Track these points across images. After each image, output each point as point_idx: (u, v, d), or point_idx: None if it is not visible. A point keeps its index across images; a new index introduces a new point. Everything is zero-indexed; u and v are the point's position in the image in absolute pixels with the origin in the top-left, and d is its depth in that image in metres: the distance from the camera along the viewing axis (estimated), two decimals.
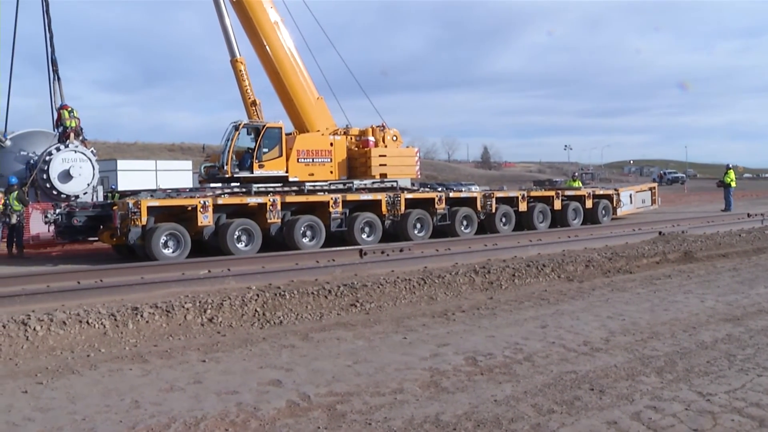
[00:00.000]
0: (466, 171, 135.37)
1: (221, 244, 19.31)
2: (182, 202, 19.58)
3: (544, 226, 26.21)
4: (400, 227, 22.84)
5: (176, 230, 18.73)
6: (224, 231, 19.29)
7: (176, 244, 18.73)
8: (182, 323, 9.97)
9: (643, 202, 33.68)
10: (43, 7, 25.45)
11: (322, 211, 21.45)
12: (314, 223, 20.85)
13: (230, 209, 20.14)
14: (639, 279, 13.79)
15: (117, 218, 18.49)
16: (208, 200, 19.42)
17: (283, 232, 20.68)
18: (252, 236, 19.73)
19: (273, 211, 20.27)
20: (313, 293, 11.37)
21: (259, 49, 25.10)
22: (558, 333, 9.23)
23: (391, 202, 22.66)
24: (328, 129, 25.63)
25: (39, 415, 6.35)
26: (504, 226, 25.19)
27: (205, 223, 19.19)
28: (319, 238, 20.96)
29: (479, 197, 25.12)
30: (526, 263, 14.60)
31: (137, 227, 18.27)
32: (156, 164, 56.21)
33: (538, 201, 26.97)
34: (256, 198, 20.60)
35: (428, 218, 23.32)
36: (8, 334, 8.94)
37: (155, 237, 18.26)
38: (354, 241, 21.30)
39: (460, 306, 11.31)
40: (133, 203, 18.29)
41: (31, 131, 25.87)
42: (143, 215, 18.26)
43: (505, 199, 25.78)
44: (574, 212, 27.90)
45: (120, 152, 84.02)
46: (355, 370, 7.59)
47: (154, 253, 18.16)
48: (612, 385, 6.87)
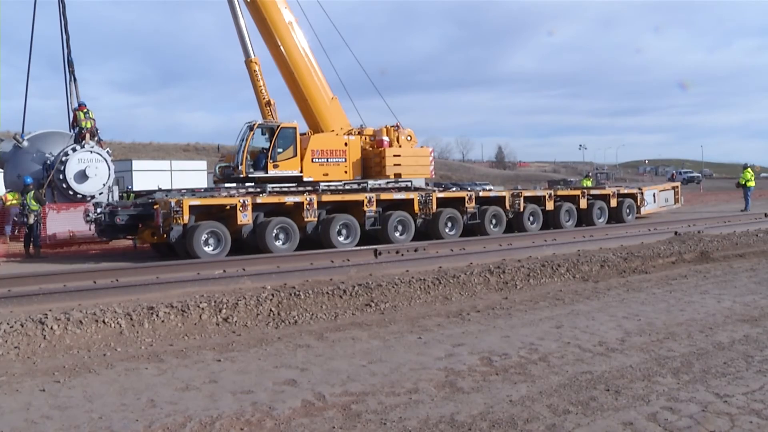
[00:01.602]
0: (481, 171, 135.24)
1: (259, 242, 19.75)
2: (223, 201, 20.04)
3: (571, 225, 26.67)
4: (432, 226, 23.25)
5: (217, 228, 19.19)
6: (263, 229, 19.75)
7: (216, 242, 19.16)
8: (197, 323, 10.01)
9: (666, 201, 34.04)
10: (59, 9, 25.60)
11: (356, 209, 21.86)
12: (349, 222, 21.32)
13: (268, 208, 20.60)
14: (655, 279, 13.71)
15: (159, 217, 18.88)
16: (247, 199, 19.96)
17: (319, 231, 21.08)
18: (289, 234, 20.19)
19: (310, 209, 20.75)
20: (328, 293, 11.39)
21: (273, 50, 25.16)
22: (573, 333, 9.19)
23: (423, 201, 23.06)
24: (343, 129, 25.66)
25: (57, 413, 6.39)
26: (531, 224, 25.61)
27: (244, 221, 19.70)
28: (354, 236, 21.35)
29: (508, 196, 25.49)
30: (541, 263, 14.56)
31: (179, 225, 18.71)
32: (171, 164, 56.56)
33: (565, 200, 27.40)
34: (293, 197, 21.06)
35: (459, 217, 23.73)
36: (26, 333, 9.00)
37: (196, 235, 18.70)
38: (387, 240, 21.74)
39: (475, 306, 11.29)
40: (176, 202, 18.75)
41: (47, 132, 26.02)
42: (185, 214, 18.77)
43: (532, 198, 26.31)
44: (599, 211, 28.29)
45: (135, 152, 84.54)
46: (370, 370, 7.59)
47: (196, 251, 18.56)
48: (628, 385, 6.84)
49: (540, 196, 26.66)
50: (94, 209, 20.07)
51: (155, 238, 19.89)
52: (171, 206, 18.74)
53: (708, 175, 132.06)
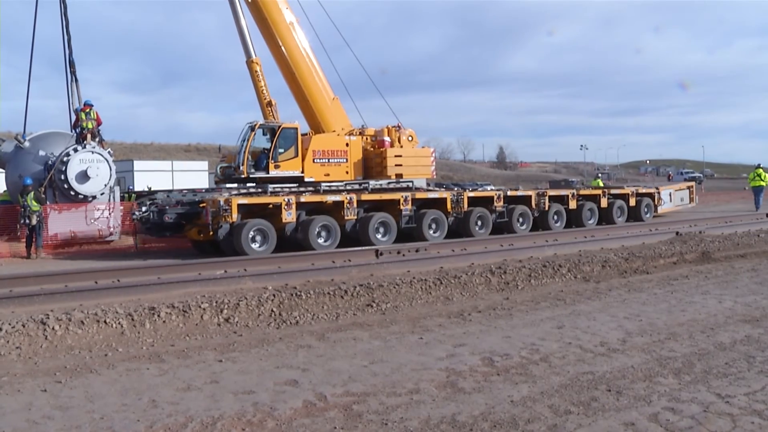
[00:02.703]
0: (482, 171, 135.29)
1: (302, 239, 20.30)
2: (268, 200, 20.75)
3: (593, 223, 27.49)
4: (463, 224, 23.84)
5: (263, 226, 19.81)
6: (306, 227, 20.42)
7: (263, 239, 19.77)
8: (199, 323, 10.01)
9: (682, 200, 34.73)
10: (61, 10, 25.61)
11: (392, 208, 22.43)
12: (387, 220, 22.02)
13: (310, 206, 21.21)
14: (656, 279, 13.71)
15: (209, 215, 19.47)
16: (291, 198, 20.72)
17: (357, 229, 21.65)
18: (331, 232, 20.89)
19: (350, 208, 21.47)
20: (330, 293, 11.39)
21: (274, 50, 25.17)
22: (574, 333, 9.19)
23: (456, 200, 23.70)
24: (344, 129, 25.68)
25: (58, 414, 6.40)
26: (556, 223, 26.38)
27: (288, 219, 20.40)
28: (391, 234, 21.98)
29: (534, 195, 26.17)
30: (542, 263, 14.55)
31: (227, 224, 19.43)
32: (172, 165, 56.62)
33: (587, 199, 28.18)
34: (334, 196, 21.90)
35: (488, 215, 24.30)
36: (28, 333, 9.01)
37: (244, 232, 19.31)
38: (422, 237, 22.30)
39: (476, 306, 11.29)
40: (225, 201, 19.35)
41: (49, 132, 25.99)
42: (234, 212, 19.44)
43: (556, 197, 27.06)
44: (619, 210, 29.12)
45: (136, 153, 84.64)
46: (371, 371, 7.59)
47: (243, 248, 19.13)
48: (629, 386, 6.84)
49: (563, 196, 27.39)
50: (139, 207, 20.71)
51: (201, 236, 20.66)
52: (220, 205, 19.37)
53: (709, 175, 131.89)
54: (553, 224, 26.22)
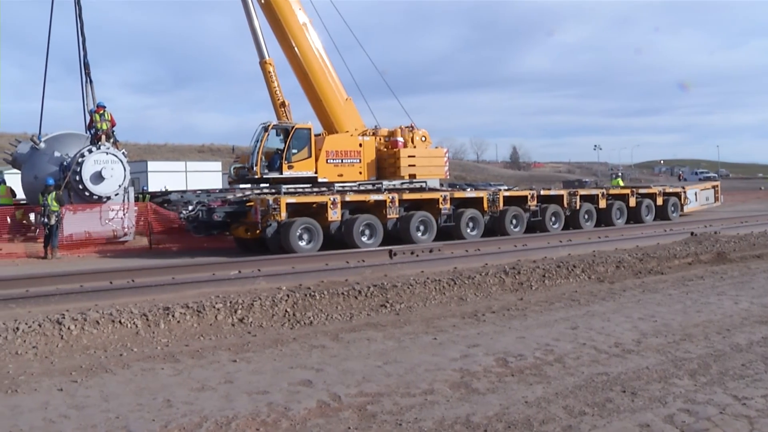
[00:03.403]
0: (495, 171, 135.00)
1: (346, 237, 20.72)
2: (315, 199, 21.38)
3: (621, 222, 27.93)
4: (498, 223, 24.20)
5: (310, 224, 20.33)
6: (350, 225, 20.88)
7: (309, 237, 20.27)
8: (213, 323, 10.04)
9: (707, 199, 35.07)
10: (76, 12, 25.75)
11: (431, 207, 22.75)
12: (427, 219, 22.40)
13: (353, 206, 21.56)
14: (671, 280, 13.64)
15: (258, 214, 20.01)
16: (336, 197, 21.22)
17: (398, 227, 21.94)
18: (374, 231, 21.30)
19: (392, 207, 21.82)
20: (343, 294, 11.40)
21: (287, 51, 25.24)
22: (589, 334, 9.16)
23: (492, 199, 24.08)
24: (357, 130, 25.71)
25: (74, 413, 6.43)
26: (586, 222, 26.77)
27: (334, 218, 20.75)
28: (431, 232, 22.31)
29: (566, 195, 26.57)
30: (556, 264, 14.51)
31: (275, 222, 19.93)
32: (186, 165, 56.81)
33: (616, 199, 28.53)
34: (377, 195, 22.46)
35: (522, 214, 24.66)
36: (44, 333, 9.06)
37: (292, 230, 19.77)
38: (460, 236, 22.76)
39: (490, 307, 11.27)
40: (273, 200, 19.89)
41: (64, 133, 26.15)
42: (282, 211, 19.77)
43: (587, 196, 27.46)
44: (647, 209, 29.55)
45: (150, 153, 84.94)
46: (385, 371, 7.59)
47: (291, 246, 19.55)
48: (644, 387, 6.80)
49: (594, 195, 27.81)
50: (185, 207, 21.30)
51: (248, 234, 21.07)
52: (269, 204, 19.95)
53: (724, 175, 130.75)
54: (583, 223, 26.62)
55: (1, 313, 10.37)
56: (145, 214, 23.87)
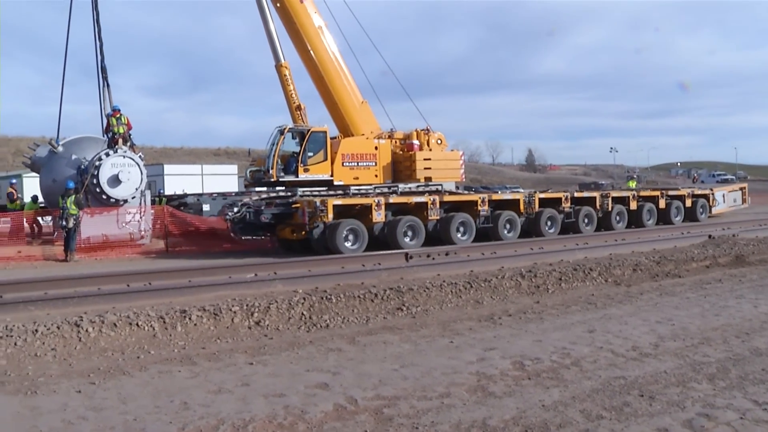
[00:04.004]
0: (511, 174, 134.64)
1: (389, 238, 21.14)
2: (360, 201, 21.94)
3: (652, 223, 28.41)
4: (533, 224, 24.62)
5: (356, 225, 20.85)
6: (393, 227, 21.42)
7: (355, 238, 20.77)
8: (230, 326, 10.07)
9: (735, 201, 35.49)
10: (93, 17, 25.94)
11: (470, 209, 23.20)
12: (466, 220, 22.92)
13: (396, 207, 22.03)
14: (688, 283, 13.56)
15: (306, 215, 20.37)
16: (381, 199, 21.81)
17: (438, 228, 22.36)
18: (416, 232, 21.80)
19: (433, 209, 22.27)
20: (360, 297, 11.40)
21: (303, 54, 25.30)
22: (606, 338, 9.12)
23: (528, 201, 24.48)
24: (373, 132, 25.73)
25: (92, 414, 6.47)
26: (618, 223, 27.19)
27: (378, 219, 21.39)
28: (470, 233, 22.73)
29: (598, 197, 26.99)
30: (572, 267, 14.45)
31: (322, 223, 20.47)
32: (202, 168, 57.02)
33: (646, 200, 28.98)
34: (419, 197, 23.01)
35: (557, 216, 25.05)
36: (62, 335, 9.13)
37: (338, 232, 20.30)
38: (497, 237, 23.22)
39: (507, 310, 11.24)
40: (321, 202, 20.27)
41: (81, 137, 26.37)
42: (329, 212, 20.47)
43: (619, 198, 27.93)
44: (676, 210, 30.11)
45: (166, 157, 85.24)
46: (401, 374, 7.59)
47: (338, 247, 20.01)
48: (662, 391, 6.76)
49: (625, 197, 28.23)
50: (231, 209, 21.56)
51: (294, 235, 21.65)
52: (316, 206, 20.39)
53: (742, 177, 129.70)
54: (615, 224, 27.07)
55: (21, 316, 10.46)
56: (162, 217, 24.01)
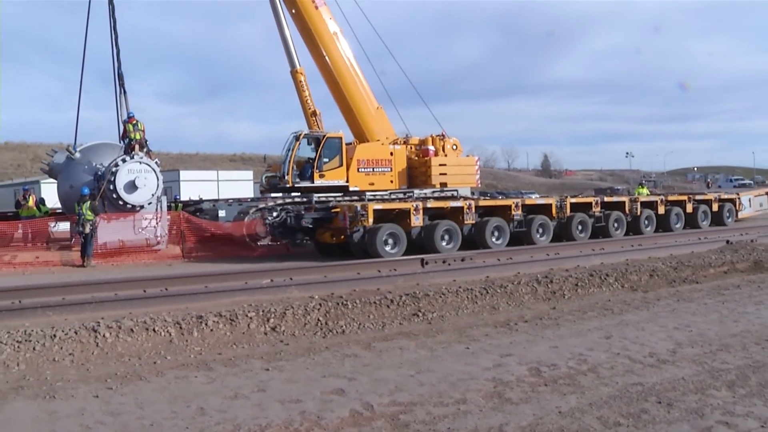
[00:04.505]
0: (526, 179, 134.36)
1: (427, 242, 21.55)
2: (398, 206, 22.11)
3: (679, 227, 28.61)
4: (565, 228, 24.72)
5: (394, 230, 21.02)
6: (431, 231, 21.54)
7: (394, 242, 20.95)
8: (246, 332, 10.09)
9: (761, 205, 35.49)
10: (110, 24, 26.11)
11: (504, 213, 23.32)
12: (501, 224, 23.06)
13: (432, 212, 22.15)
14: (706, 289, 13.46)
15: (347, 220, 20.56)
16: (419, 204, 21.87)
17: (473, 232, 22.52)
18: (452, 236, 21.89)
19: (469, 213, 22.48)
20: (376, 303, 11.40)
21: (318, 60, 25.40)
22: (623, 344, 9.07)
23: (559, 206, 24.62)
24: (388, 138, 25.78)
25: (110, 419, 6.50)
26: (647, 227, 27.32)
27: (416, 224, 21.50)
28: (504, 237, 22.85)
29: (627, 201, 27.07)
30: (589, 273, 14.39)
31: (362, 227, 20.62)
32: (218, 174, 57.24)
33: (674, 205, 29.09)
34: (455, 202, 23.13)
35: (587, 221, 25.18)
36: (80, 341, 9.18)
37: (378, 236, 20.47)
38: (530, 241, 23.35)
39: (523, 316, 11.21)
40: (361, 206, 20.52)
41: (98, 143, 26.54)
42: (370, 217, 20.63)
43: (647, 203, 28.03)
44: (703, 215, 30.17)
45: (182, 163, 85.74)
46: (417, 380, 7.58)
47: (377, 250, 20.16)
48: (680, 398, 6.71)
49: (653, 201, 28.38)
50: (270, 213, 22.08)
51: (334, 239, 21.93)
52: (357, 210, 20.64)
53: (760, 182, 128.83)
54: (644, 228, 27.17)
55: (39, 321, 10.51)
56: (178, 222, 24.10)
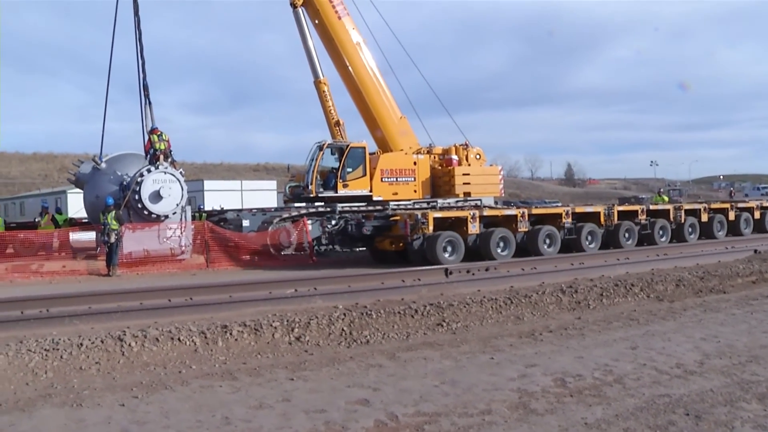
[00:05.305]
0: (550, 188, 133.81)
1: (482, 249, 21.89)
2: (457, 214, 22.44)
3: (722, 234, 28.89)
4: (612, 236, 24.91)
5: (453, 237, 21.39)
6: (487, 238, 21.93)
7: (452, 249, 21.25)
8: (270, 341, 10.11)
9: None
10: (136, 36, 26.31)
11: (554, 221, 23.57)
12: (552, 232, 23.34)
13: (487, 220, 22.50)
14: (734, 299, 13.31)
15: (407, 227, 21.02)
16: (476, 212, 22.30)
17: (525, 240, 22.77)
18: (507, 243, 22.27)
19: (522, 221, 22.81)
20: (400, 312, 11.38)
21: (341, 70, 25.46)
22: (649, 354, 8.99)
23: (607, 214, 24.93)
24: (412, 148, 25.78)
25: (135, 428, 6.54)
26: (690, 235, 27.56)
27: (473, 231, 21.84)
28: (555, 245, 23.06)
29: (671, 209, 27.33)
30: (614, 282, 14.29)
31: (422, 235, 20.99)
32: (242, 184, 57.52)
33: (717, 212, 29.27)
34: (509, 210, 23.66)
35: (633, 228, 25.37)
36: (106, 349, 9.25)
37: (438, 243, 20.83)
38: (579, 248, 23.80)
39: (548, 326, 11.14)
40: (422, 214, 20.88)
41: (124, 154, 26.74)
42: (430, 224, 20.95)
43: (691, 211, 28.33)
44: (745, 222, 30.39)
45: (206, 173, 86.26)
46: (442, 390, 7.55)
47: (437, 257, 20.69)
48: (709, 410, 6.63)
49: (696, 209, 28.62)
50: (328, 222, 22.57)
51: (393, 247, 22.44)
52: (417, 218, 21.04)
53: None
54: (687, 236, 27.39)
55: (66, 329, 10.61)
56: (202, 232, 24.21)
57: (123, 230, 21.99)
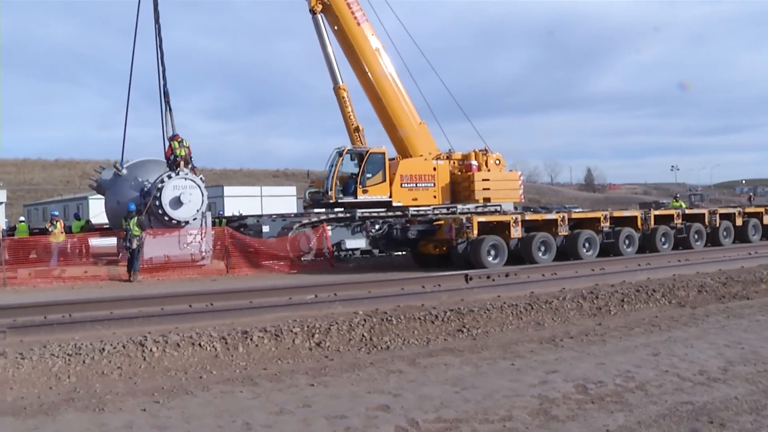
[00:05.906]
0: (570, 194, 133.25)
1: (524, 253, 22.00)
2: (500, 218, 22.76)
3: (757, 238, 28.92)
4: (649, 240, 24.94)
5: (497, 241, 21.52)
6: (528, 242, 22.08)
7: (496, 253, 21.34)
8: (291, 347, 10.13)
9: None
10: (156, 43, 26.52)
11: (592, 225, 23.66)
12: (591, 236, 23.35)
13: (528, 224, 22.94)
14: (758, 305, 13.19)
15: (452, 231, 21.20)
16: (518, 216, 22.58)
17: (565, 244, 22.83)
18: (548, 247, 22.36)
19: (562, 225, 22.93)
20: (420, 318, 11.37)
21: (361, 76, 25.53)
22: (671, 361, 8.92)
23: (644, 218, 25.01)
24: (431, 153, 25.79)
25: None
26: (725, 239, 27.58)
27: (515, 235, 21.98)
28: (594, 249, 23.13)
29: (707, 214, 27.34)
30: (635, 288, 14.19)
31: (466, 239, 21.09)
32: (261, 190, 57.69)
33: (750, 216, 29.48)
34: (550, 215, 23.78)
35: (670, 232, 25.51)
36: (127, 354, 9.31)
37: (482, 247, 20.96)
38: (617, 252, 23.85)
39: (568, 332, 11.09)
40: (466, 219, 21.12)
41: (144, 160, 26.93)
42: (474, 229, 21.12)
43: (725, 215, 28.51)
44: None
45: (226, 179, 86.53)
46: (463, 397, 7.53)
47: (481, 261, 20.80)
48: (733, 418, 6.57)
49: (731, 214, 28.56)
50: (372, 226, 22.78)
51: (436, 251, 22.48)
52: (462, 222, 21.21)
53: None
54: (723, 239, 27.48)
55: (88, 334, 10.68)
56: (222, 238, 24.30)
57: (144, 236, 22.12)
